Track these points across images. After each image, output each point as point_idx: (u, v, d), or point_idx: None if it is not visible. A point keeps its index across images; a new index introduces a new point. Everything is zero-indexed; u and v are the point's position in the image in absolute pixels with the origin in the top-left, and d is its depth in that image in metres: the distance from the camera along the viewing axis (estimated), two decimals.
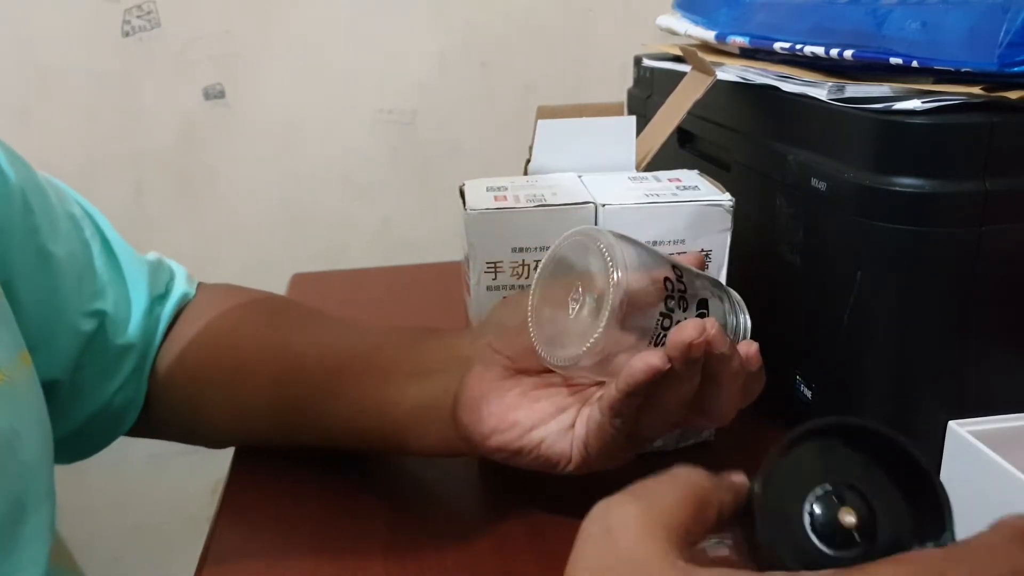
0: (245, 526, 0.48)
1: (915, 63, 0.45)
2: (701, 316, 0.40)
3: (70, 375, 0.49)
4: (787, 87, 0.51)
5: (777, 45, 0.54)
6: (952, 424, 0.43)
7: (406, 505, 0.48)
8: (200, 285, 0.58)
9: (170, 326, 0.54)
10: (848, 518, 0.26)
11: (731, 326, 0.42)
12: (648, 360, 0.36)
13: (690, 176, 0.51)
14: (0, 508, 0.38)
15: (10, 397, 0.40)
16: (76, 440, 0.52)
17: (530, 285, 0.41)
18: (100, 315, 0.50)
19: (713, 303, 0.41)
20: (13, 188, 0.46)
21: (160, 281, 0.55)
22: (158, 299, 0.55)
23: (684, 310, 0.39)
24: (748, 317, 0.43)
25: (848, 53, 0.48)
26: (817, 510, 0.27)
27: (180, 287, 0.56)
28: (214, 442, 0.55)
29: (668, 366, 0.36)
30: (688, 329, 0.36)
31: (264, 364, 0.50)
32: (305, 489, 0.50)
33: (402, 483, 0.49)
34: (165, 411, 0.54)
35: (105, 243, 0.53)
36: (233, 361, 0.51)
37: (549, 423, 0.41)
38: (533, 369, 0.42)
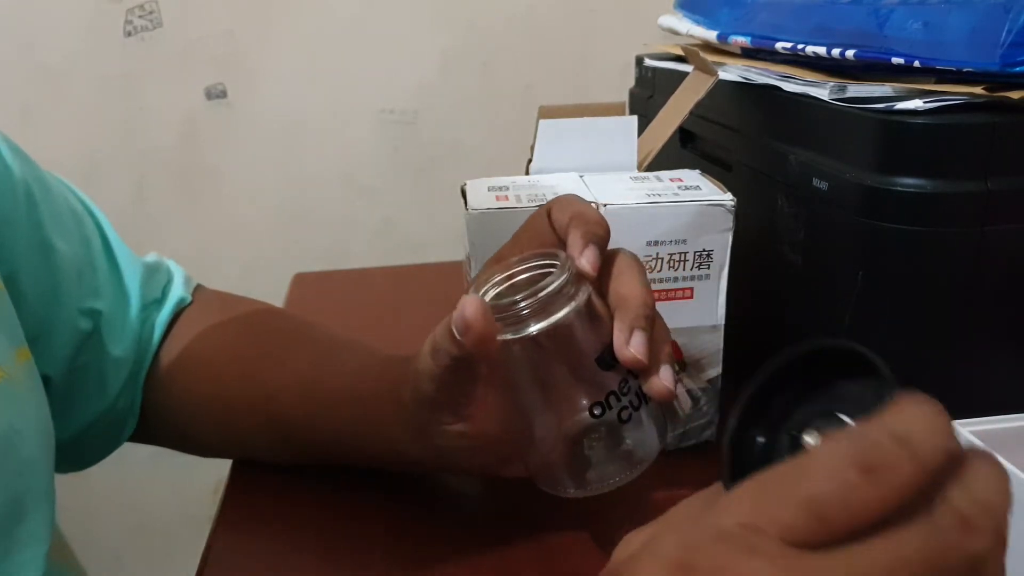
0: (246, 526, 0.48)
1: (917, 63, 0.45)
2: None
3: (64, 376, 0.49)
4: (789, 87, 0.51)
5: (779, 45, 0.54)
6: (953, 424, 0.43)
7: (409, 505, 0.48)
8: (196, 291, 0.57)
9: (167, 332, 0.54)
10: (809, 439, 0.25)
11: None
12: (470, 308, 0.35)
13: (692, 176, 0.51)
14: None
15: (9, 395, 0.40)
16: (74, 450, 0.52)
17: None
18: (96, 315, 0.50)
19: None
20: (17, 181, 0.46)
21: (156, 285, 0.55)
22: (153, 304, 0.54)
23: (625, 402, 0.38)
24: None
25: (850, 53, 0.48)
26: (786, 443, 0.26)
27: (177, 292, 0.55)
28: (211, 456, 0.55)
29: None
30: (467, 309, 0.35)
31: (253, 407, 0.50)
32: (306, 490, 0.49)
33: (405, 482, 0.49)
34: (159, 425, 0.54)
35: (105, 242, 0.53)
36: (221, 399, 0.51)
37: None
38: None
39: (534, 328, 0.36)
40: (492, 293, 0.38)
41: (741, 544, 0.21)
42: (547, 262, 0.38)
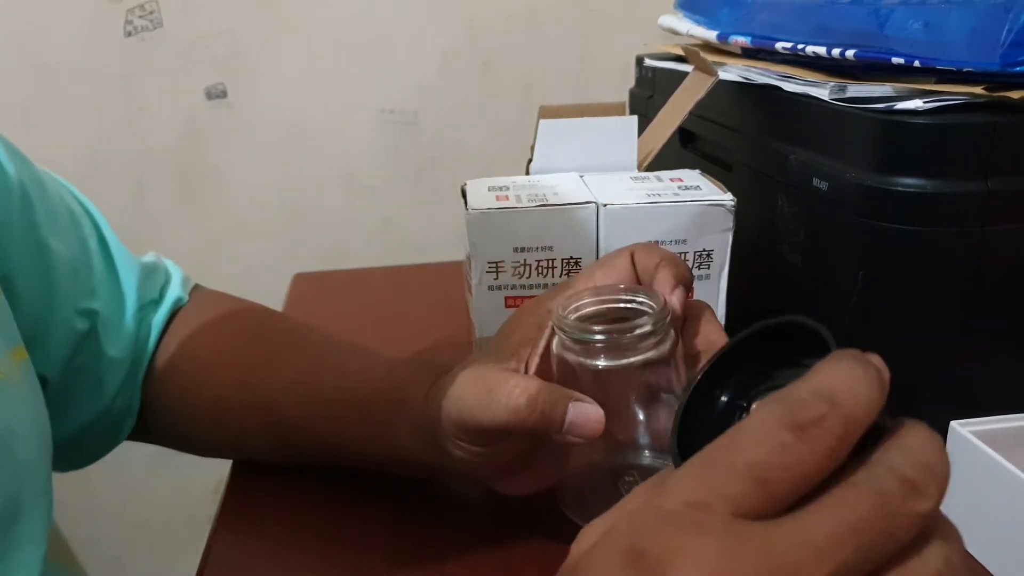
0: (246, 526, 0.48)
1: (917, 63, 0.45)
2: None
3: (61, 377, 0.49)
4: (789, 87, 0.51)
5: (779, 45, 0.54)
6: (954, 424, 0.43)
7: (409, 505, 0.48)
8: (194, 291, 0.57)
9: (164, 332, 0.54)
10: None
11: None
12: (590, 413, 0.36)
13: (692, 176, 0.51)
14: None
15: (6, 395, 0.40)
16: (72, 449, 0.52)
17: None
18: (92, 315, 0.50)
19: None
20: (12, 182, 0.46)
21: (154, 285, 0.54)
22: (150, 305, 0.54)
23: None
24: None
25: (850, 53, 0.48)
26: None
27: (174, 292, 0.55)
28: (210, 456, 0.55)
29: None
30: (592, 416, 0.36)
31: (251, 408, 0.50)
32: (306, 490, 0.49)
33: (405, 482, 0.49)
34: (157, 425, 0.54)
35: (102, 242, 0.53)
36: (219, 400, 0.51)
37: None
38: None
39: (624, 361, 0.37)
40: (574, 316, 0.38)
41: (688, 523, 0.21)
42: (641, 299, 0.38)
